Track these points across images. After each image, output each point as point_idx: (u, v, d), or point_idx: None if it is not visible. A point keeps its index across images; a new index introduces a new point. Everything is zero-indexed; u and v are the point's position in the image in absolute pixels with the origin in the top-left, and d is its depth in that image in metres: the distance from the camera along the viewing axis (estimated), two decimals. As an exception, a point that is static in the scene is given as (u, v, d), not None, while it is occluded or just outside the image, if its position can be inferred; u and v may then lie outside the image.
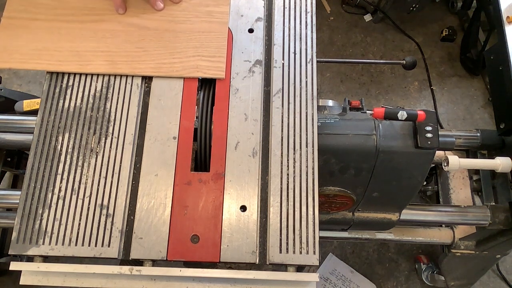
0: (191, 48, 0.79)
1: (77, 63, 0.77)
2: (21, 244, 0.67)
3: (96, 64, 0.77)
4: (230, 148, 0.72)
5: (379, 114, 0.80)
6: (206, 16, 0.82)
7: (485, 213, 1.09)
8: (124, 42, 0.79)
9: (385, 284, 1.60)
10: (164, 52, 0.79)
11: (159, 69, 0.77)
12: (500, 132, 1.06)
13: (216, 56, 0.78)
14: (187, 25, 0.81)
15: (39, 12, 0.82)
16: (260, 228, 0.67)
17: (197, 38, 0.80)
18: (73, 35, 0.80)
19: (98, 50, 0.78)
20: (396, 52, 2.00)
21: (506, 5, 1.08)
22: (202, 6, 0.83)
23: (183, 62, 0.78)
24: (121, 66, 0.77)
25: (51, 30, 0.80)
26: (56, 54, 0.78)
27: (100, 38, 0.80)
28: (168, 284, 0.66)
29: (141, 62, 0.78)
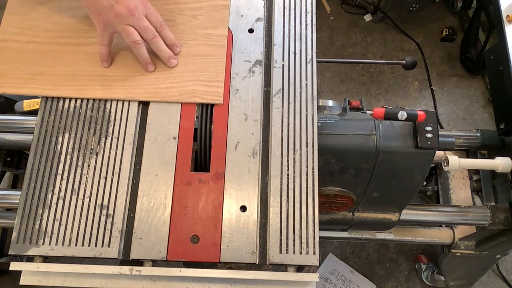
0: (189, 72, 0.77)
1: (72, 88, 0.75)
2: (21, 244, 0.67)
3: (92, 88, 0.75)
4: (230, 148, 0.72)
5: (379, 114, 0.80)
6: (204, 39, 0.79)
7: (485, 213, 1.09)
8: (121, 66, 0.77)
9: (385, 284, 1.60)
10: (161, 76, 0.77)
11: (156, 94, 0.75)
12: (500, 132, 1.06)
13: (214, 80, 0.76)
14: (185, 48, 0.79)
15: (34, 34, 0.80)
16: (260, 228, 0.67)
17: (195, 62, 0.78)
18: (68, 59, 0.78)
19: (94, 74, 0.77)
20: (396, 52, 2.00)
21: (506, 5, 1.08)
22: (200, 28, 0.80)
23: (181, 87, 0.76)
24: (117, 91, 0.75)
25: (46, 53, 0.78)
26: (52, 78, 0.76)
27: (96, 61, 0.77)
28: (168, 284, 0.66)
29: (138, 86, 0.76)
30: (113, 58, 0.78)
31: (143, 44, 0.74)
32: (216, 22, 0.80)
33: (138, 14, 0.71)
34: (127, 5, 0.70)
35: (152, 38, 0.74)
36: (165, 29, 0.76)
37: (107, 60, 0.77)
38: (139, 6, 0.71)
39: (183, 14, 0.81)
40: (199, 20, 0.81)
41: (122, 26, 0.72)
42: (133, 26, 0.72)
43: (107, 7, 0.70)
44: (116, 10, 0.70)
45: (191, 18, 0.81)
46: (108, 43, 0.75)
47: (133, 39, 0.73)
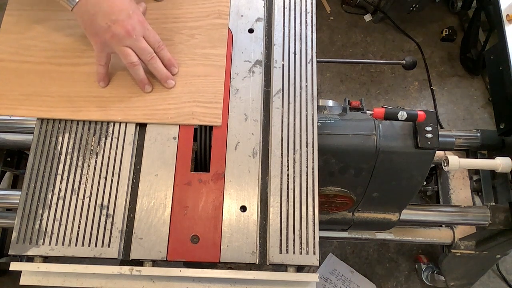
0: (187, 93, 0.75)
1: (68, 110, 0.73)
2: (21, 244, 0.67)
3: (88, 110, 0.73)
4: (230, 148, 0.72)
5: (379, 114, 0.80)
6: (202, 59, 0.77)
7: (485, 213, 1.09)
8: (117, 87, 0.75)
9: (385, 284, 1.60)
10: (158, 97, 0.75)
11: (154, 115, 0.73)
12: (500, 132, 1.06)
13: (213, 102, 0.74)
14: (183, 68, 0.77)
15: (30, 54, 0.78)
16: (260, 229, 0.67)
17: (193, 82, 0.76)
18: (64, 79, 0.76)
19: (90, 95, 0.75)
20: (396, 52, 2.00)
21: (506, 5, 1.08)
22: (199, 48, 0.78)
23: (178, 109, 0.74)
24: (114, 113, 0.73)
25: (42, 73, 0.76)
26: (47, 99, 0.74)
27: (92, 82, 0.75)
28: (168, 284, 0.66)
29: (135, 108, 0.74)
30: (110, 78, 0.76)
31: (140, 65, 0.72)
32: (215, 42, 0.79)
33: (136, 35, 0.69)
34: (124, 26, 0.68)
35: (149, 59, 0.72)
36: (163, 49, 0.74)
37: (104, 80, 0.75)
38: (137, 27, 0.70)
39: (181, 33, 0.79)
40: (197, 39, 0.79)
41: (119, 47, 0.70)
42: (131, 47, 0.70)
43: (104, 28, 0.68)
44: (113, 31, 0.68)
45: (189, 38, 0.79)
46: (105, 63, 0.73)
47: (130, 60, 0.71)
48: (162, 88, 0.75)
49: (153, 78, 0.75)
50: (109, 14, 0.67)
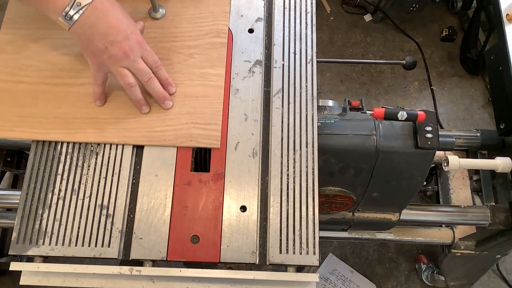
0: (185, 115, 0.73)
1: (64, 132, 0.72)
2: (21, 245, 0.67)
3: (84, 132, 0.72)
4: (230, 149, 0.72)
5: (379, 114, 0.80)
6: (200, 79, 0.76)
7: (485, 213, 1.09)
8: (114, 108, 0.74)
9: (385, 284, 1.60)
10: (156, 118, 0.73)
11: (151, 137, 0.72)
12: (500, 132, 1.06)
13: (211, 123, 0.72)
14: (181, 89, 0.75)
15: (26, 74, 0.76)
16: (260, 229, 0.67)
17: (191, 103, 0.74)
18: (60, 100, 0.74)
19: (87, 116, 0.73)
20: (396, 52, 2.00)
21: (506, 5, 1.08)
22: (197, 68, 0.76)
23: (176, 130, 0.72)
24: (110, 135, 0.72)
25: (37, 94, 0.75)
26: (43, 121, 0.73)
27: (89, 103, 0.74)
28: (168, 284, 0.66)
29: (132, 129, 0.72)
30: (107, 97, 0.74)
31: (137, 86, 0.71)
32: (214, 61, 0.77)
33: (134, 56, 0.68)
34: (122, 48, 0.66)
35: (147, 80, 0.71)
36: (161, 69, 0.73)
37: (100, 99, 0.73)
38: (135, 48, 0.68)
39: (179, 52, 0.78)
40: (195, 59, 0.77)
41: (116, 68, 0.69)
42: (128, 68, 0.69)
43: (101, 49, 0.66)
44: (110, 53, 0.67)
45: (187, 57, 0.77)
46: (102, 83, 0.72)
47: (127, 81, 0.69)
48: (160, 108, 0.74)
49: (150, 98, 0.74)
50: (107, 35, 0.66)
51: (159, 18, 0.80)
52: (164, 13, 0.80)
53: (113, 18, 0.66)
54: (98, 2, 0.65)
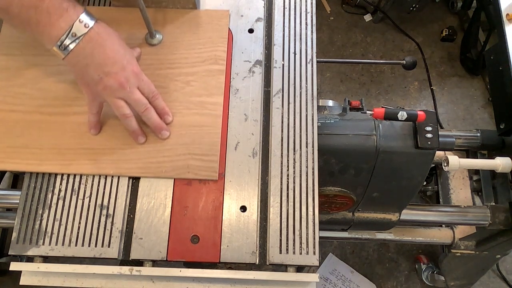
0: (182, 145, 0.71)
1: (58, 163, 0.70)
2: (21, 245, 0.67)
3: (78, 164, 0.70)
4: (230, 149, 0.72)
5: (379, 114, 0.80)
6: (198, 108, 0.73)
7: (485, 213, 1.09)
8: (109, 137, 0.72)
9: (385, 284, 1.61)
10: (152, 149, 0.71)
11: (147, 169, 0.70)
12: (500, 132, 1.06)
13: (209, 154, 0.70)
14: (178, 118, 0.73)
15: (19, 103, 0.74)
16: (260, 229, 0.67)
17: (188, 133, 0.72)
18: (54, 130, 0.72)
19: (81, 147, 0.71)
20: (396, 52, 2.00)
21: (506, 5, 1.08)
22: (194, 96, 0.74)
23: (173, 161, 0.70)
24: (106, 166, 0.70)
25: (31, 124, 0.72)
26: (36, 152, 0.71)
27: (84, 132, 0.72)
28: (168, 284, 0.66)
29: (128, 161, 0.70)
30: (102, 127, 0.73)
31: (133, 116, 0.69)
32: (211, 89, 0.75)
33: (130, 87, 0.66)
34: (117, 79, 0.65)
35: (143, 111, 0.69)
36: (157, 98, 0.71)
37: (95, 127, 0.71)
38: (131, 79, 0.66)
39: (176, 80, 0.75)
40: (193, 86, 0.75)
41: (112, 99, 0.67)
42: (124, 99, 0.67)
43: (96, 80, 0.64)
44: (105, 84, 0.65)
45: (184, 85, 0.75)
46: (97, 112, 0.70)
47: (123, 112, 0.68)
48: (156, 139, 0.72)
49: (146, 127, 0.72)
50: (102, 66, 0.64)
51: (156, 44, 0.78)
52: (161, 39, 0.78)
53: (109, 48, 0.64)
54: (94, 33, 0.63)
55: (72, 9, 0.61)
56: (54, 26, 0.61)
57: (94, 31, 0.63)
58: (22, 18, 0.60)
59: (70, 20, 0.61)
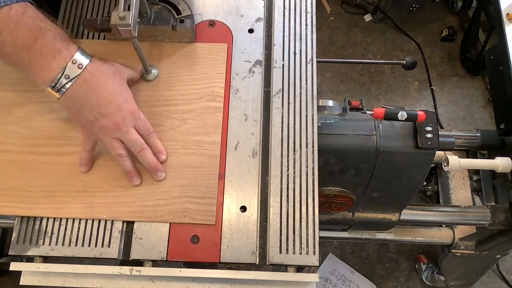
0: (178, 187, 0.68)
1: (50, 207, 0.67)
2: (21, 245, 0.67)
3: (71, 207, 0.67)
4: (230, 149, 0.72)
5: (379, 114, 0.80)
6: (195, 147, 0.71)
7: (485, 213, 1.09)
8: (104, 180, 0.69)
9: (385, 284, 1.61)
10: (147, 192, 0.68)
11: (142, 213, 0.67)
12: (500, 132, 1.06)
13: (206, 197, 0.68)
14: (174, 158, 0.70)
15: (10, 142, 0.71)
16: (260, 229, 0.67)
17: (185, 174, 0.69)
18: (46, 171, 0.69)
19: (74, 189, 0.68)
20: (396, 52, 2.00)
21: (506, 5, 1.08)
22: (191, 135, 0.71)
23: (169, 205, 0.67)
24: (99, 210, 0.67)
25: (22, 165, 0.70)
26: (28, 195, 0.68)
27: (77, 174, 0.69)
28: (168, 284, 0.66)
29: (122, 204, 0.68)
30: (96, 167, 0.70)
31: (128, 157, 0.67)
32: (209, 128, 0.72)
33: (126, 127, 0.64)
34: (113, 120, 0.63)
35: (139, 151, 0.67)
36: (153, 137, 0.69)
37: (86, 165, 0.69)
38: (127, 119, 0.64)
39: (172, 117, 0.72)
40: (189, 125, 0.72)
41: (107, 138, 0.65)
42: (119, 139, 0.65)
43: (91, 120, 0.63)
44: (101, 124, 0.63)
45: (181, 123, 0.72)
46: (90, 150, 0.68)
47: (118, 152, 0.66)
48: (152, 180, 0.69)
49: (141, 166, 0.69)
50: (97, 107, 0.62)
51: (152, 80, 0.75)
52: (156, 74, 0.75)
53: (104, 89, 0.62)
54: (88, 73, 0.61)
55: (65, 50, 0.60)
56: (47, 68, 0.59)
57: (87, 71, 0.61)
58: (15, 58, 0.58)
59: (63, 61, 0.59)
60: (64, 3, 0.83)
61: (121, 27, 0.60)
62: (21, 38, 0.57)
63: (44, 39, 0.58)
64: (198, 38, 0.80)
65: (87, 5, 0.83)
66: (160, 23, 0.75)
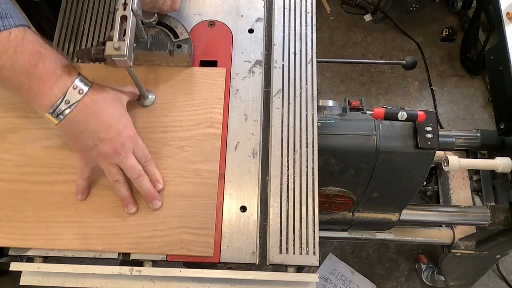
0: (175, 217, 0.66)
1: (44, 238, 0.65)
2: (21, 245, 0.67)
3: (65, 238, 0.65)
4: (230, 149, 0.72)
5: (379, 114, 0.80)
6: (192, 176, 0.69)
7: (485, 213, 1.09)
8: (99, 210, 0.67)
9: (385, 284, 1.61)
10: (144, 222, 0.66)
11: (138, 244, 0.65)
12: (500, 132, 1.06)
13: (203, 228, 0.66)
14: (171, 187, 0.68)
15: (2, 170, 0.69)
16: (260, 229, 0.67)
17: (182, 204, 0.67)
18: (40, 201, 0.67)
19: (69, 220, 0.66)
20: (396, 52, 2.00)
21: (507, 4, 1.08)
22: (188, 163, 0.69)
23: (166, 236, 0.65)
24: (94, 241, 0.65)
25: (15, 194, 0.67)
26: (21, 226, 0.66)
27: (72, 204, 0.67)
28: (168, 284, 0.66)
29: (118, 235, 0.66)
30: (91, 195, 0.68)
31: (125, 182, 0.66)
32: (207, 155, 0.70)
33: (125, 153, 0.63)
34: (113, 145, 0.62)
35: (136, 178, 0.65)
36: (151, 164, 0.67)
37: (83, 193, 0.67)
38: (127, 144, 0.63)
39: (169, 145, 0.70)
40: (187, 152, 0.70)
41: (105, 164, 0.64)
42: (118, 164, 0.64)
43: (90, 146, 0.62)
44: (100, 150, 0.62)
45: (178, 150, 0.70)
46: (88, 177, 0.67)
47: (115, 178, 0.65)
48: (148, 210, 0.67)
49: (137, 194, 0.67)
50: (96, 133, 0.61)
51: (149, 105, 0.73)
52: (153, 100, 0.73)
53: (104, 114, 0.62)
54: (88, 99, 0.60)
55: (66, 75, 0.59)
56: (47, 93, 0.58)
57: (88, 97, 0.60)
58: (13, 83, 0.57)
59: (64, 87, 0.59)
60: (64, 3, 0.83)
61: (116, 58, 0.58)
62: (20, 62, 0.56)
63: (45, 64, 0.58)
64: (198, 38, 0.80)
65: (87, 5, 0.83)
66: (157, 48, 0.72)
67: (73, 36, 0.80)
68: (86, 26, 0.81)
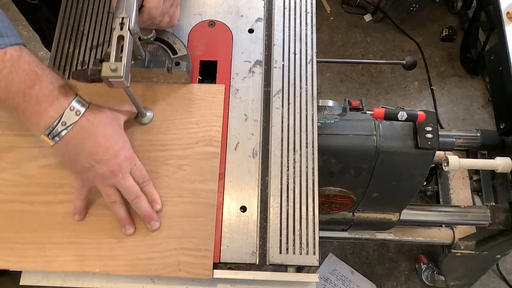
0: (173, 239, 0.65)
1: (40, 260, 0.64)
2: (21, 245, 0.67)
3: (62, 260, 0.64)
4: (230, 149, 0.72)
5: (379, 114, 0.80)
6: (191, 196, 0.67)
7: (485, 213, 1.09)
8: (96, 230, 0.66)
9: (385, 284, 1.61)
10: (141, 244, 0.65)
11: (135, 266, 0.63)
12: (500, 132, 1.07)
13: (202, 249, 0.64)
14: (169, 207, 0.66)
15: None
16: (260, 229, 0.67)
17: (180, 225, 0.66)
18: (37, 222, 0.66)
19: (66, 241, 0.65)
20: (396, 52, 2.00)
21: (507, 4, 1.08)
22: (187, 182, 0.68)
23: (164, 258, 0.64)
24: (91, 263, 0.64)
25: (11, 215, 0.66)
26: (17, 247, 0.64)
27: (68, 224, 0.66)
28: (168, 284, 0.66)
29: (115, 257, 0.64)
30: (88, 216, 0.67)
31: (122, 204, 0.64)
32: (205, 175, 0.69)
33: (122, 174, 0.62)
34: (110, 166, 0.61)
35: (134, 199, 0.64)
36: (148, 185, 0.66)
37: (80, 213, 0.66)
38: (124, 165, 0.62)
39: (167, 164, 0.69)
40: (185, 171, 0.69)
41: (102, 185, 0.63)
42: (115, 185, 0.63)
43: (87, 167, 0.61)
44: (97, 171, 0.61)
45: (176, 169, 0.69)
46: (84, 198, 0.65)
47: (112, 200, 0.64)
48: (146, 231, 0.65)
49: (135, 215, 0.66)
50: (93, 155, 0.60)
51: (146, 123, 0.72)
52: (151, 117, 0.72)
53: (101, 136, 0.61)
54: (85, 121, 0.59)
55: (63, 97, 0.58)
56: (43, 115, 0.57)
57: (85, 118, 0.59)
58: (9, 103, 0.56)
59: (61, 108, 0.57)
60: (64, 3, 0.83)
61: (113, 79, 0.57)
62: (16, 83, 0.54)
63: (41, 85, 0.56)
64: (198, 38, 0.80)
65: (87, 5, 0.83)
66: (155, 65, 0.71)
67: (73, 36, 0.80)
68: (86, 26, 0.81)
